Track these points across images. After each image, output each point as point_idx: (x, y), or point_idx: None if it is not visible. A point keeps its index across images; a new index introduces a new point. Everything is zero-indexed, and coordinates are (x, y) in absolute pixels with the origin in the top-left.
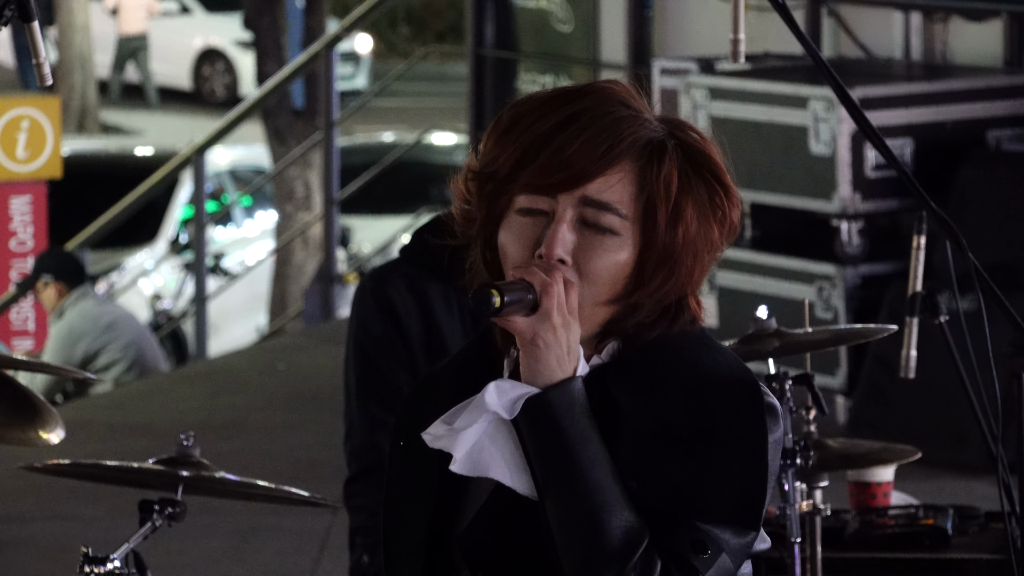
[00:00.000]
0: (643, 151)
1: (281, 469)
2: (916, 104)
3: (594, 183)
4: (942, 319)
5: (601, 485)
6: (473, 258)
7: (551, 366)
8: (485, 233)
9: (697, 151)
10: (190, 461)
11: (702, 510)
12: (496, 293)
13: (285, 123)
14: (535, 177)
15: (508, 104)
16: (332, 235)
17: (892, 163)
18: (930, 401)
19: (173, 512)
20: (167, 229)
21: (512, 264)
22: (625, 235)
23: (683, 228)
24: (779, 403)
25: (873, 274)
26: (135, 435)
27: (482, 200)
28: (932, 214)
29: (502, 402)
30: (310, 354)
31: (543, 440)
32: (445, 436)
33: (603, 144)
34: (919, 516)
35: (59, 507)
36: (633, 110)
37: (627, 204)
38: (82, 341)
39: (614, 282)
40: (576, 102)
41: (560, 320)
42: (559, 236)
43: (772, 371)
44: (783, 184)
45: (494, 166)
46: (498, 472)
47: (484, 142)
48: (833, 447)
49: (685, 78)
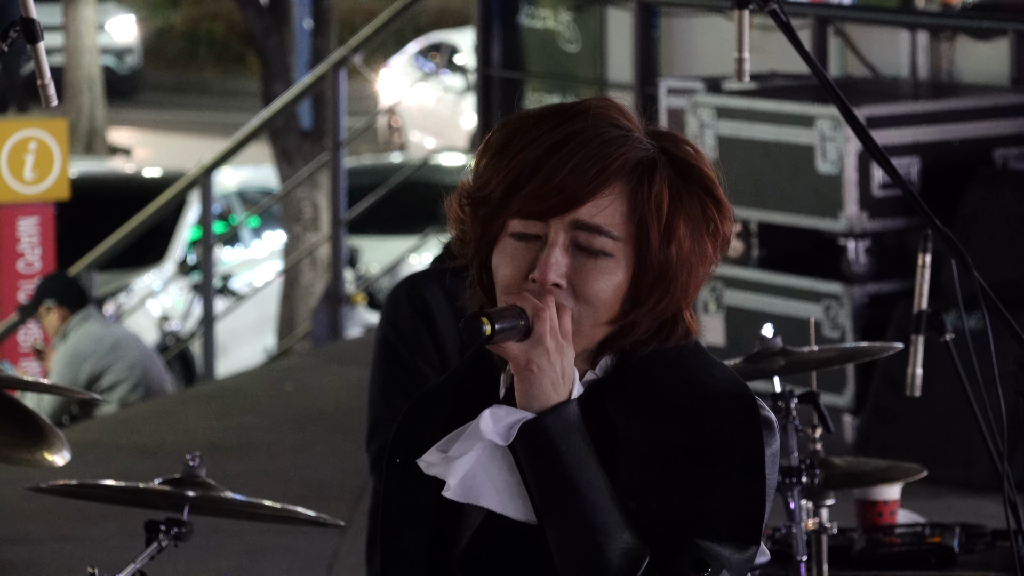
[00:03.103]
0: (633, 171)
1: (288, 490)
2: (923, 123)
3: (585, 207)
4: (948, 337)
5: (600, 508)
6: (471, 278)
7: (546, 391)
8: (480, 255)
9: (688, 165)
10: (197, 481)
11: (702, 528)
12: (487, 321)
13: (293, 144)
14: (527, 203)
15: (499, 124)
16: (340, 256)
17: (897, 181)
18: (937, 419)
19: (179, 532)
20: (175, 250)
21: (505, 289)
22: (619, 256)
23: (676, 245)
24: (775, 417)
25: (880, 293)
26: (143, 456)
27: (476, 223)
28: (937, 232)
29: (497, 429)
30: (318, 375)
31: (540, 465)
32: (440, 464)
33: (593, 168)
34: (926, 534)
35: (66, 528)
36: (623, 129)
37: (619, 225)
38: (87, 362)
39: (611, 303)
40: (566, 124)
41: (553, 344)
42: (552, 261)
43: (777, 390)
44: (790, 203)
45: (487, 190)
46: (489, 500)
47: (476, 163)
48: (839, 465)
49: (692, 98)
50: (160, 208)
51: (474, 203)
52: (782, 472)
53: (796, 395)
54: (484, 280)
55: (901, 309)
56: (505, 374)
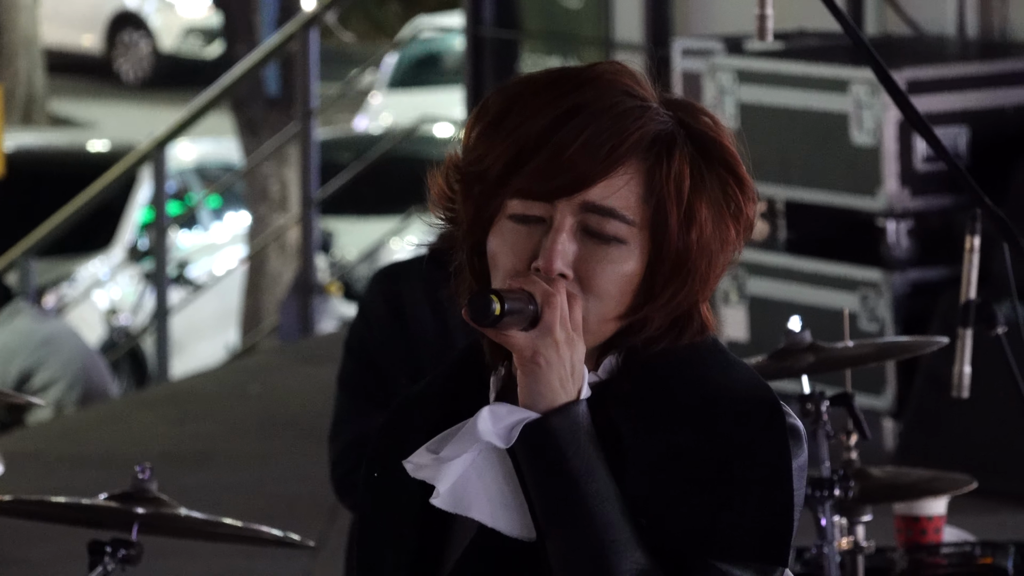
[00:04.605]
0: (651, 147)
1: (253, 505)
2: (972, 87)
3: (597, 187)
4: (1000, 330)
5: (609, 522)
6: (459, 263)
7: (553, 387)
8: (472, 238)
9: (709, 140)
10: (147, 496)
11: (720, 548)
12: (496, 299)
13: (258, 113)
14: (530, 182)
15: (495, 89)
16: (311, 240)
17: (940, 154)
18: (987, 424)
19: (127, 555)
20: (124, 234)
21: (505, 277)
22: (633, 243)
23: (697, 231)
24: (803, 425)
25: (924, 280)
26: (88, 468)
27: (469, 202)
28: (987, 212)
29: (497, 429)
30: (286, 375)
31: (544, 472)
32: (429, 466)
33: (607, 143)
34: (976, 555)
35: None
36: (638, 99)
37: (634, 209)
38: (15, 360)
39: (622, 296)
40: (574, 92)
41: (563, 336)
42: (558, 248)
43: (807, 391)
44: (821, 179)
45: (482, 166)
46: (480, 512)
47: (467, 133)
48: (878, 476)
49: (710, 60)
50: (108, 186)
51: (467, 180)
52: (811, 484)
53: (828, 397)
54: (476, 266)
55: (948, 299)
56: (496, 376)
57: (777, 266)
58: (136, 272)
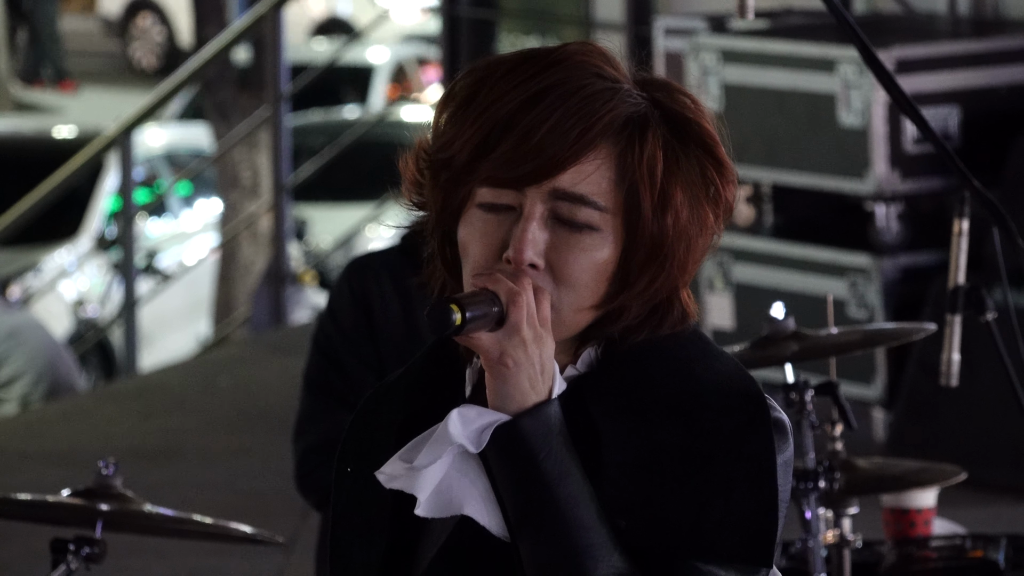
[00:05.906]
0: (622, 130)
1: (224, 502)
2: (964, 66)
3: (567, 173)
4: (989, 316)
5: (585, 525)
6: (431, 251)
7: (522, 388)
8: (443, 227)
9: (683, 120)
10: (111, 493)
11: (702, 548)
12: (456, 309)
13: (228, 97)
14: (498, 169)
15: (464, 71)
16: (284, 228)
17: (926, 134)
18: (979, 413)
19: (91, 553)
20: (91, 223)
21: (474, 269)
22: (606, 230)
23: (672, 215)
24: (787, 418)
25: (915, 266)
26: (52, 464)
27: (437, 190)
28: (977, 195)
29: (467, 432)
30: (258, 368)
31: (516, 475)
32: (403, 476)
33: (576, 127)
34: (966, 548)
35: None
36: (609, 80)
37: (606, 194)
38: None
39: (596, 284)
40: (542, 75)
41: (531, 334)
42: (528, 237)
43: (790, 380)
44: (808, 162)
45: (450, 152)
46: (473, 509)
47: (436, 117)
48: (864, 467)
49: (693, 39)
50: (73, 173)
51: (435, 166)
52: (796, 476)
53: (812, 386)
54: (447, 255)
55: (939, 285)
56: (471, 368)
57: (763, 252)
58: (104, 262)
